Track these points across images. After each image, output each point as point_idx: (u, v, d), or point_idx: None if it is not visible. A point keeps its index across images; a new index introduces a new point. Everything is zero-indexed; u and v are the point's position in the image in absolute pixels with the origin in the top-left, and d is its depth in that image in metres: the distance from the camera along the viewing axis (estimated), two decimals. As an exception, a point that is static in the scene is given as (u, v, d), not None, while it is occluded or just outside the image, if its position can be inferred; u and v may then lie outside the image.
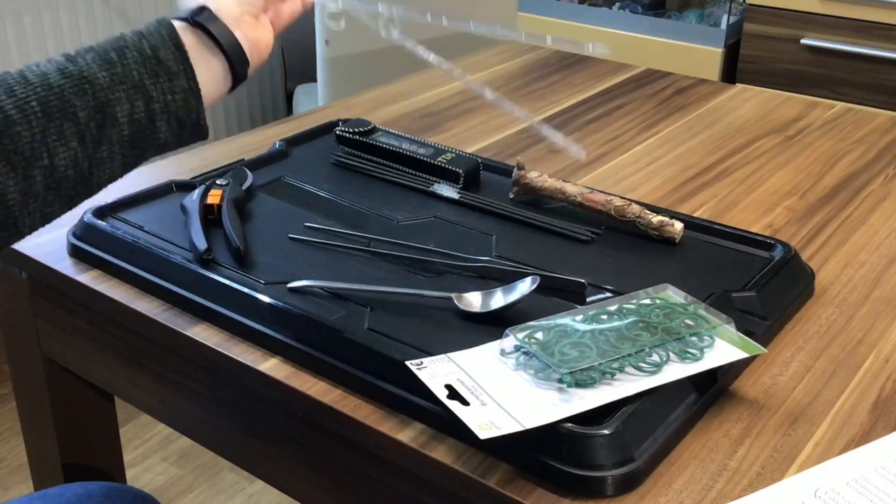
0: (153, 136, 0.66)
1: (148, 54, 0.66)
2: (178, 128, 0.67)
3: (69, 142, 0.62)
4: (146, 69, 0.65)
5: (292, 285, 0.80)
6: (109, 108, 0.64)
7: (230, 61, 0.71)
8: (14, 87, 0.61)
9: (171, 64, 0.67)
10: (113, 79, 0.64)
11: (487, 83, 1.41)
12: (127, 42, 0.66)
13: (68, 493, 0.85)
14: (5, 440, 1.84)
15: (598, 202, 0.94)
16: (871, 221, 1.01)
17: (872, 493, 0.61)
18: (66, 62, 0.64)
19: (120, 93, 0.64)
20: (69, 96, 0.62)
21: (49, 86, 0.62)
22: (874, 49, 2.04)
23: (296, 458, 0.78)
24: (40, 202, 0.62)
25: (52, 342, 0.96)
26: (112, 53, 0.65)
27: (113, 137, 0.64)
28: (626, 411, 0.64)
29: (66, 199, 0.64)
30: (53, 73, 0.63)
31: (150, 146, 0.67)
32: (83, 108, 0.63)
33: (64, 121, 0.62)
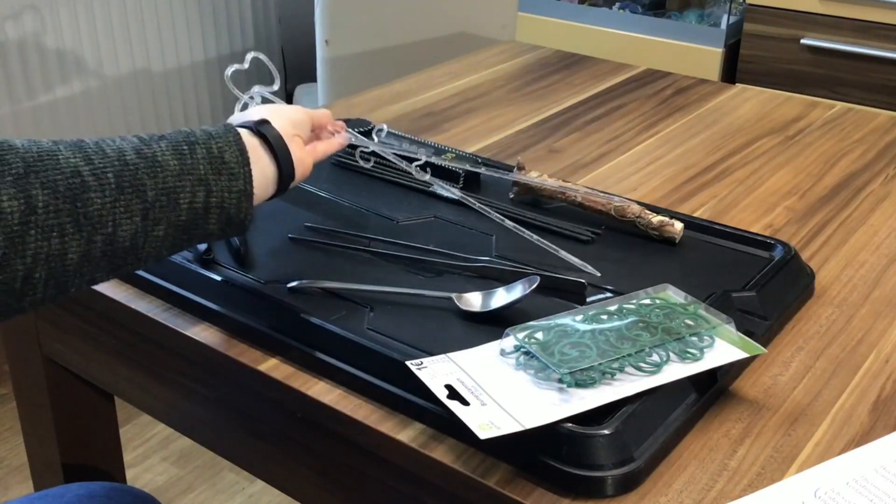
0: (204, 225, 0.71)
1: (214, 153, 0.71)
2: (226, 222, 0.72)
3: (134, 216, 0.66)
4: (211, 166, 0.71)
5: (292, 285, 0.80)
6: (174, 194, 0.68)
7: (280, 171, 0.76)
8: (92, 156, 0.65)
9: (234, 166, 0.72)
10: (182, 168, 0.69)
11: (488, 83, 1.41)
12: (197, 139, 0.71)
13: (69, 494, 0.85)
14: (5, 440, 1.84)
15: (598, 202, 0.94)
16: (871, 221, 1.01)
17: (872, 493, 0.61)
18: (140, 144, 0.69)
19: (185, 182, 0.69)
20: (142, 175, 0.67)
21: (125, 162, 0.66)
22: (874, 49, 2.04)
23: (296, 458, 0.78)
24: (93, 266, 0.65)
25: (52, 342, 0.96)
26: (184, 146, 0.70)
27: (171, 219, 0.69)
28: (626, 411, 0.64)
29: (115, 268, 0.67)
30: (129, 152, 0.67)
31: (198, 234, 0.71)
32: (152, 189, 0.67)
33: (134, 196, 0.66)
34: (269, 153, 0.76)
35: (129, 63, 2.22)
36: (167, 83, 2.31)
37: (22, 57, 2.01)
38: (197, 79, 2.37)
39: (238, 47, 2.44)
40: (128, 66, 2.22)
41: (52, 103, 2.07)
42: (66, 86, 2.10)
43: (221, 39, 2.40)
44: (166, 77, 2.30)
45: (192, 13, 2.32)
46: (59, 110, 2.09)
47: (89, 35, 2.12)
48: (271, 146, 0.76)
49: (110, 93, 2.20)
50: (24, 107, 2.03)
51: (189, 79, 2.36)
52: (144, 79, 2.26)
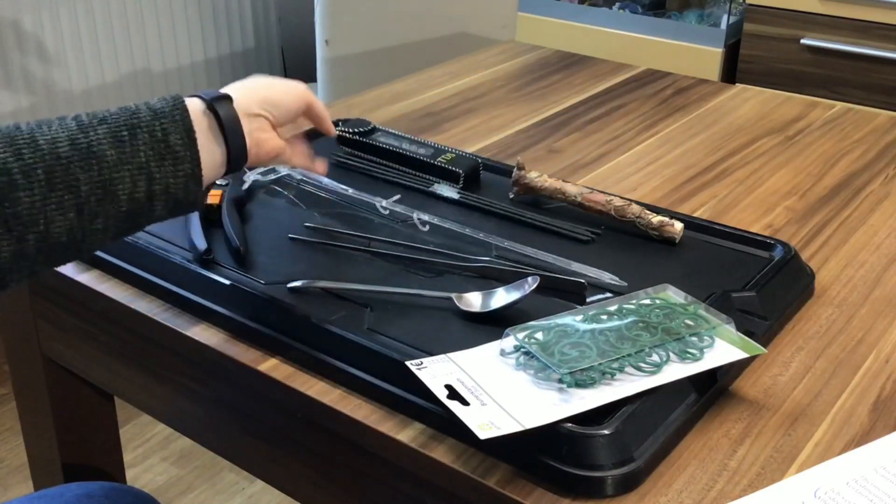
0: (149, 213, 0.68)
1: (158, 136, 0.68)
2: (173, 205, 0.70)
3: (67, 212, 0.64)
4: (154, 151, 0.67)
5: (292, 285, 0.80)
6: (112, 186, 0.65)
7: (229, 151, 0.73)
8: (23, 149, 0.62)
9: (179, 149, 0.68)
10: (120, 158, 0.66)
11: (488, 83, 1.41)
12: (140, 120, 0.68)
13: (68, 494, 0.85)
14: (5, 440, 1.84)
15: (598, 202, 0.94)
16: (871, 221, 1.01)
17: (872, 493, 0.61)
18: (77, 131, 0.65)
19: (125, 172, 0.66)
20: (75, 169, 0.64)
21: (57, 156, 0.63)
22: (874, 49, 2.04)
23: (296, 458, 0.78)
24: (29, 262, 0.64)
25: (52, 342, 0.96)
26: (124, 131, 0.67)
27: (110, 212, 0.66)
28: (626, 411, 0.64)
29: (55, 262, 0.66)
30: (63, 142, 0.64)
31: (143, 221, 0.69)
32: (86, 183, 0.64)
33: (66, 192, 0.63)
34: (220, 133, 0.72)
35: (129, 63, 2.22)
36: (167, 83, 2.31)
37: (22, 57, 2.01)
38: (197, 79, 2.37)
39: (238, 47, 2.44)
40: (128, 66, 2.22)
41: (51, 103, 2.07)
42: (66, 85, 2.09)
43: (221, 39, 2.40)
44: (166, 77, 2.30)
45: (192, 13, 2.32)
46: (58, 110, 2.09)
47: (89, 35, 2.12)
48: (222, 125, 0.72)
49: (110, 93, 2.19)
50: (24, 106, 2.03)
51: (189, 79, 2.35)
52: (144, 79, 2.26)
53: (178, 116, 0.69)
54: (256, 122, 0.76)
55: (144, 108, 0.68)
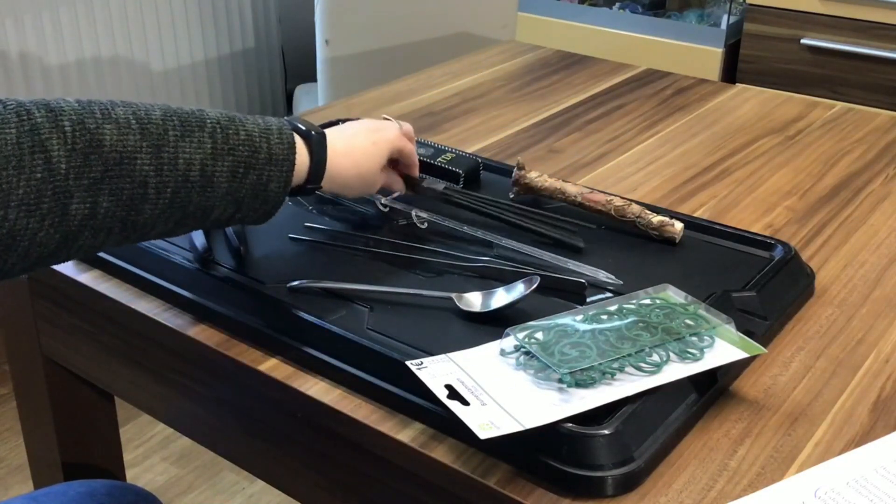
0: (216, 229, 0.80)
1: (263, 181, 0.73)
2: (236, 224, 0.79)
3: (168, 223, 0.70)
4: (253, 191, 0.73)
5: (292, 285, 0.80)
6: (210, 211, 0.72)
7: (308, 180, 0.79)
8: (164, 165, 0.68)
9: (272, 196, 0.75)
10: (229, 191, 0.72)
11: (488, 83, 1.41)
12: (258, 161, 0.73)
13: (71, 492, 0.85)
14: (5, 440, 1.84)
15: (598, 202, 0.94)
16: (871, 221, 1.01)
17: (872, 493, 0.61)
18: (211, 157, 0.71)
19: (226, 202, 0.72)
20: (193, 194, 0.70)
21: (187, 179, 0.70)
22: (874, 49, 2.04)
23: (296, 458, 0.78)
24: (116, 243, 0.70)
25: (52, 342, 0.96)
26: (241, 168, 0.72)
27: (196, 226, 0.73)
28: (626, 411, 0.64)
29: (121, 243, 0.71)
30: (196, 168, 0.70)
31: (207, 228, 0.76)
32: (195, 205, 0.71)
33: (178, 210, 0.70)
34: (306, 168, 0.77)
35: (129, 63, 2.22)
36: (167, 83, 2.31)
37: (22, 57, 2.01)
38: (197, 79, 2.37)
39: (238, 47, 2.44)
40: (128, 66, 2.22)
41: (52, 103, 2.07)
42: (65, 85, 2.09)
43: (221, 39, 2.40)
44: (166, 77, 2.30)
45: (192, 13, 2.32)
46: (59, 110, 2.09)
47: (89, 35, 2.12)
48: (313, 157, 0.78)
49: (110, 92, 2.19)
50: (24, 107, 2.02)
51: (189, 79, 2.35)
52: (144, 79, 2.26)
53: (285, 168, 0.74)
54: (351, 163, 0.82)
55: (265, 148, 0.73)
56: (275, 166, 0.74)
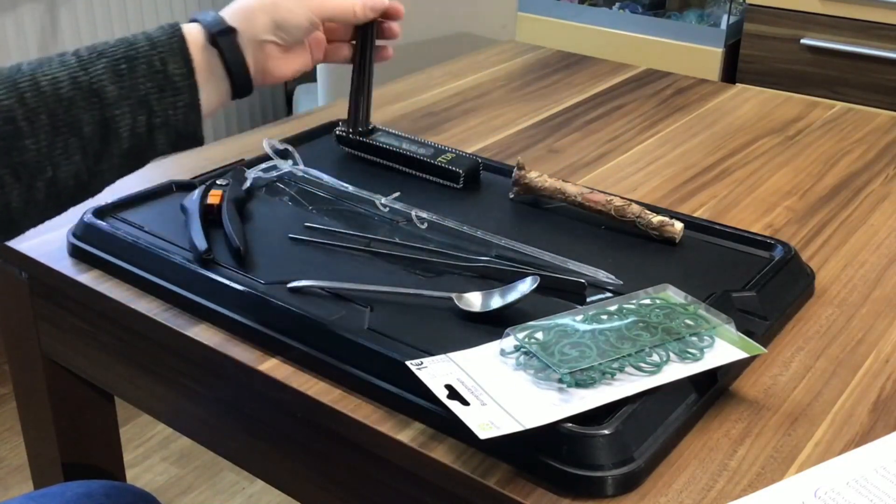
0: (151, 147, 0.68)
1: (157, 67, 0.66)
2: (175, 138, 0.69)
3: (73, 156, 0.63)
4: (153, 83, 0.66)
5: (292, 285, 0.80)
6: (114, 124, 0.65)
7: (233, 83, 0.72)
8: (26, 93, 0.62)
9: (178, 79, 0.67)
10: (120, 93, 0.65)
11: (488, 83, 1.41)
12: (138, 52, 0.66)
13: (69, 493, 0.85)
14: (5, 440, 1.84)
15: (598, 202, 0.94)
16: (871, 221, 1.01)
17: (872, 493, 0.61)
18: (78, 68, 0.64)
19: (125, 108, 0.65)
20: (77, 110, 0.63)
21: (59, 98, 0.62)
22: (874, 49, 2.03)
23: (296, 458, 0.78)
24: (40, 209, 0.64)
25: (52, 342, 0.96)
26: (122, 64, 0.65)
27: (114, 151, 0.65)
28: (626, 411, 0.64)
29: (64, 206, 0.66)
30: (65, 82, 0.63)
31: (147, 156, 0.68)
32: (89, 123, 0.63)
33: (70, 135, 0.63)
34: (221, 64, 0.71)
35: (129, 63, 2.22)
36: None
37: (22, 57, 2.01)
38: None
39: (238, 47, 2.44)
40: (128, 66, 2.22)
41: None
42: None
43: (221, 39, 2.40)
44: (166, 77, 2.30)
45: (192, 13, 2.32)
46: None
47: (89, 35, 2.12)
48: (224, 58, 0.71)
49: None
50: (24, 107, 2.02)
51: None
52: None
53: (175, 45, 0.67)
54: (262, 52, 0.74)
55: (142, 38, 0.67)
56: (163, 48, 0.67)
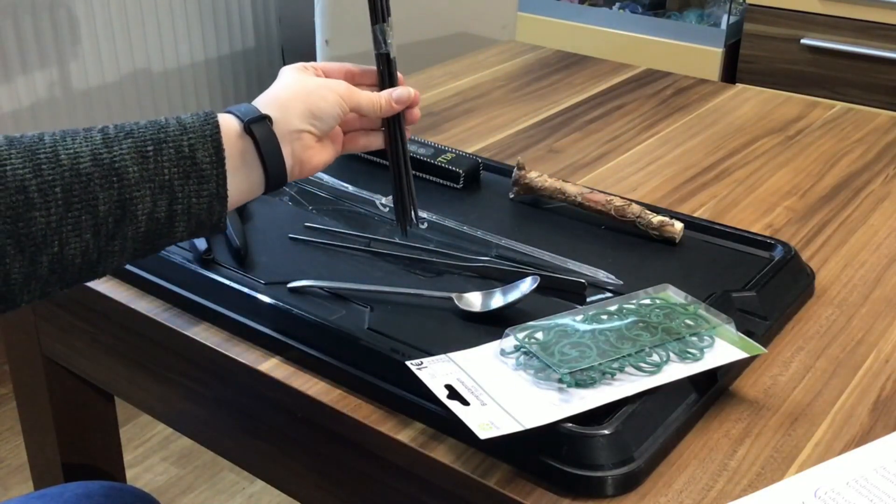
0: (169, 233, 0.65)
1: (185, 153, 0.64)
2: (195, 227, 0.66)
3: (83, 233, 0.61)
4: (179, 169, 0.63)
5: (292, 285, 0.80)
6: (131, 206, 0.62)
7: (267, 174, 0.69)
8: (43, 165, 0.59)
9: (206, 167, 0.64)
10: (143, 175, 0.62)
11: (488, 83, 1.41)
12: (168, 135, 0.64)
13: (68, 493, 0.85)
14: (5, 440, 1.84)
15: (598, 202, 0.94)
16: (871, 221, 1.01)
17: (872, 493, 0.61)
18: (102, 145, 0.62)
19: (146, 190, 0.62)
20: (94, 188, 0.60)
21: (77, 172, 0.60)
22: (874, 49, 2.04)
23: (296, 458, 0.78)
24: (42, 283, 0.61)
25: (52, 342, 0.96)
26: (149, 146, 0.63)
27: (128, 233, 0.62)
28: (626, 411, 0.64)
29: (68, 283, 0.63)
30: (86, 157, 0.61)
31: (163, 242, 0.65)
32: (105, 202, 0.61)
33: (83, 212, 0.60)
34: (256, 155, 0.68)
35: (129, 63, 2.22)
36: (167, 83, 2.31)
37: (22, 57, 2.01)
38: (197, 79, 2.37)
39: (238, 47, 2.44)
40: (128, 65, 2.22)
41: (51, 103, 2.07)
42: (66, 85, 2.09)
43: (221, 39, 2.40)
44: (166, 77, 2.30)
45: (192, 13, 2.32)
46: (59, 110, 2.09)
47: (89, 35, 2.12)
48: (260, 149, 0.68)
49: (110, 92, 2.19)
50: (24, 106, 2.03)
51: (189, 79, 2.35)
52: (144, 79, 2.26)
53: (208, 132, 0.65)
54: (299, 142, 0.71)
55: (174, 123, 0.65)
56: (193, 134, 0.64)
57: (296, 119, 0.71)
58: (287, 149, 0.70)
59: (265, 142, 0.68)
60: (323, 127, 0.73)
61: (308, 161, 0.72)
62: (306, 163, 0.72)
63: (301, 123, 0.71)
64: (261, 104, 0.71)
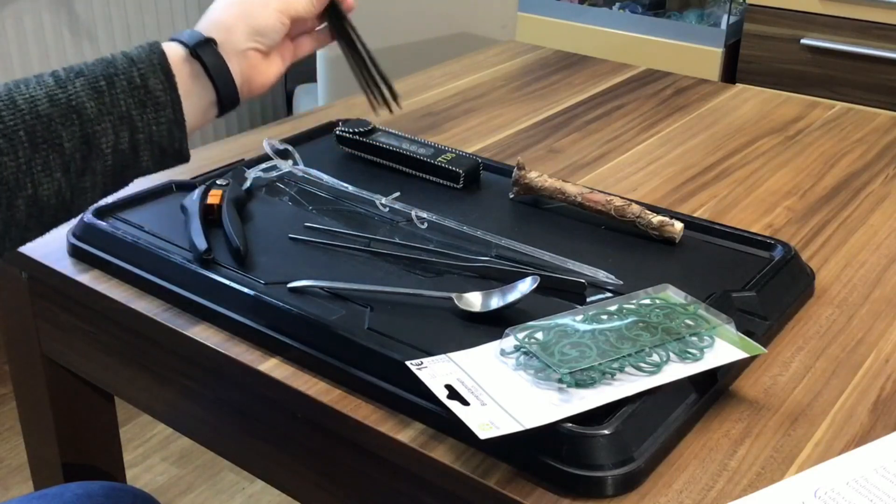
0: (135, 164, 0.67)
1: (137, 83, 0.66)
2: (160, 155, 0.68)
3: (54, 172, 0.62)
4: (133, 99, 0.65)
5: (292, 285, 0.80)
6: (95, 140, 0.64)
7: (219, 94, 0.71)
8: (2, 111, 0.61)
9: (159, 94, 0.66)
10: (101, 109, 0.64)
11: (488, 83, 1.41)
12: (117, 69, 0.66)
13: (68, 493, 0.85)
14: (5, 440, 1.84)
15: (598, 202, 0.94)
16: (871, 221, 1.01)
17: (872, 493, 0.61)
18: (55, 87, 0.63)
19: (106, 124, 0.64)
20: (56, 126, 0.62)
21: (37, 114, 0.62)
22: (874, 49, 2.04)
23: (296, 458, 0.78)
24: (21, 229, 0.62)
25: (52, 342, 0.96)
26: (101, 81, 0.65)
27: (97, 168, 0.64)
28: (626, 411, 0.64)
29: (46, 226, 0.64)
30: (42, 100, 0.62)
31: (131, 174, 0.67)
32: (69, 139, 0.62)
33: (50, 151, 0.62)
34: (205, 75, 0.70)
35: (129, 63, 2.22)
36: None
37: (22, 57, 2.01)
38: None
39: (238, 47, 2.44)
40: (128, 66, 2.22)
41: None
42: (66, 86, 2.10)
43: (221, 39, 2.40)
44: (166, 77, 2.30)
45: (192, 13, 2.32)
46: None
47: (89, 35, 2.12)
48: (207, 68, 0.70)
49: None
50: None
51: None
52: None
53: (155, 60, 0.67)
54: (246, 61, 0.73)
55: (121, 57, 0.66)
56: (142, 64, 0.66)
57: (240, 39, 0.73)
58: (235, 68, 0.72)
59: (213, 65, 0.70)
60: (268, 42, 0.75)
61: (256, 79, 0.75)
62: (254, 81, 0.74)
63: (246, 42, 0.73)
64: (203, 28, 0.73)
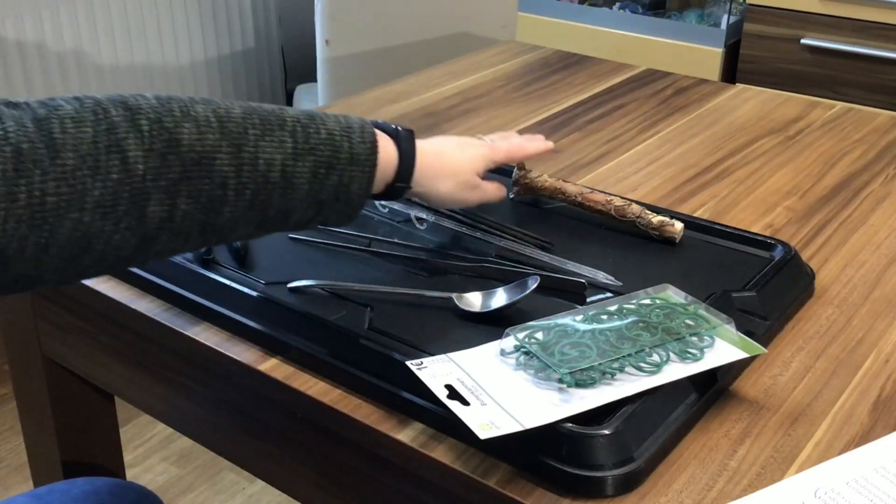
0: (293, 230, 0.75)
1: (344, 182, 0.71)
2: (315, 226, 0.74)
3: (249, 227, 0.68)
4: (334, 193, 0.70)
5: (292, 285, 0.80)
6: (292, 215, 0.70)
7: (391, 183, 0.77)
8: (245, 166, 0.65)
9: (354, 198, 0.72)
10: (309, 192, 0.69)
11: (488, 83, 1.41)
12: (339, 161, 0.70)
13: (75, 489, 0.85)
14: (5, 440, 1.84)
15: (598, 202, 0.94)
16: (871, 221, 1.01)
17: (872, 493, 0.61)
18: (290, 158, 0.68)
19: (305, 204, 0.69)
20: (274, 196, 0.67)
21: (268, 180, 0.67)
22: (874, 49, 2.04)
23: (296, 458, 0.78)
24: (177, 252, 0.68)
25: (52, 342, 0.96)
26: (322, 169, 0.69)
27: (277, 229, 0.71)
28: (626, 411, 0.64)
29: None
30: (276, 168, 0.67)
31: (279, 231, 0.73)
32: (275, 208, 0.68)
33: (259, 212, 0.68)
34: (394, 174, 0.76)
35: (129, 63, 2.22)
36: (167, 83, 2.31)
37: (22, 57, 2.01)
38: (197, 79, 2.37)
39: (238, 47, 2.44)
40: (128, 66, 2.22)
41: (52, 103, 2.07)
42: (66, 86, 2.09)
43: (221, 39, 2.40)
44: (166, 77, 2.30)
45: (192, 13, 2.32)
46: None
47: (89, 35, 2.12)
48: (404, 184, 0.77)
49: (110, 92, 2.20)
50: (24, 107, 2.02)
51: (189, 79, 2.35)
52: (144, 79, 2.26)
53: (367, 168, 0.72)
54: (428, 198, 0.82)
55: (346, 147, 0.70)
56: (356, 166, 0.71)
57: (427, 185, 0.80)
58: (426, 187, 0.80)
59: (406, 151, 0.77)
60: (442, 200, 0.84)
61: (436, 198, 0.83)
62: (429, 198, 0.82)
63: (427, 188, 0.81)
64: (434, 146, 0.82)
